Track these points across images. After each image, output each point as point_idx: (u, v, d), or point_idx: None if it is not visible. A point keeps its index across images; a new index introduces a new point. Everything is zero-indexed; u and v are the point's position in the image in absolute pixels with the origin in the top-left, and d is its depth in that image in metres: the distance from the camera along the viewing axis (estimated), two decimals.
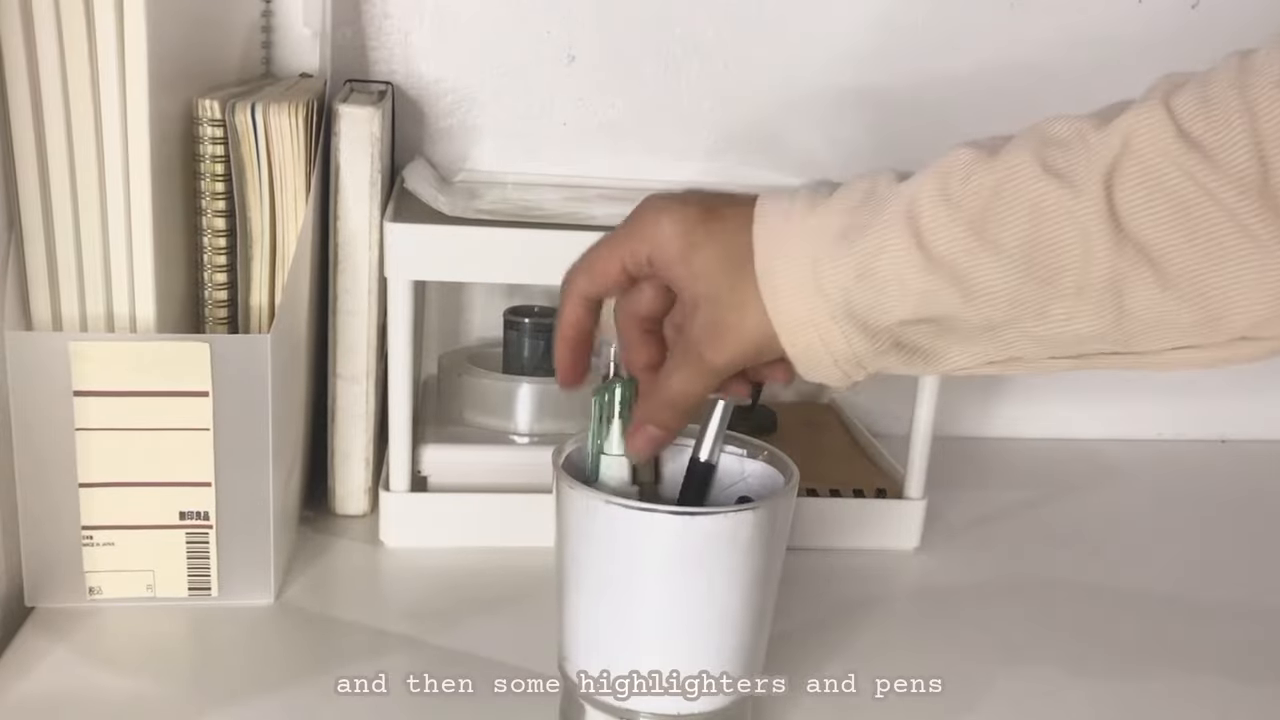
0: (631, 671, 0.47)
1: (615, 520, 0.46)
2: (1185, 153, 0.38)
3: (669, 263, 0.44)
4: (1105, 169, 0.39)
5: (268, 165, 0.62)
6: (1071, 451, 0.95)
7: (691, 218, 0.44)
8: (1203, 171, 0.37)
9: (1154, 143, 0.38)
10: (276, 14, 0.79)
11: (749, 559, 0.46)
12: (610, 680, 0.48)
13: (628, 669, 0.48)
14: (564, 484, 0.47)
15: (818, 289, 0.42)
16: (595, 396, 0.49)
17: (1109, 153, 0.39)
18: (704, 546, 0.45)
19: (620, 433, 0.49)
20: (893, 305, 0.41)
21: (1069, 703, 0.58)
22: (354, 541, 0.70)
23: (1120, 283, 0.39)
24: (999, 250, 0.40)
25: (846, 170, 0.46)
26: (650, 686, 0.47)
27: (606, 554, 0.46)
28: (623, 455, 0.49)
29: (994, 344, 0.42)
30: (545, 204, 0.76)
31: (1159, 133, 0.38)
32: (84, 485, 0.57)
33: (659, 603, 0.46)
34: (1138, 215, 0.38)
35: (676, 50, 0.86)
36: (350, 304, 0.69)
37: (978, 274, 0.40)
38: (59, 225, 0.55)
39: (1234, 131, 0.37)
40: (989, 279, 0.40)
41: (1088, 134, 0.40)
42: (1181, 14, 0.89)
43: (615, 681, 0.48)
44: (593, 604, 0.48)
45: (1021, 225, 0.40)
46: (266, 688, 0.54)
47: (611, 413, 0.48)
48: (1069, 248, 0.39)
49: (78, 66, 0.53)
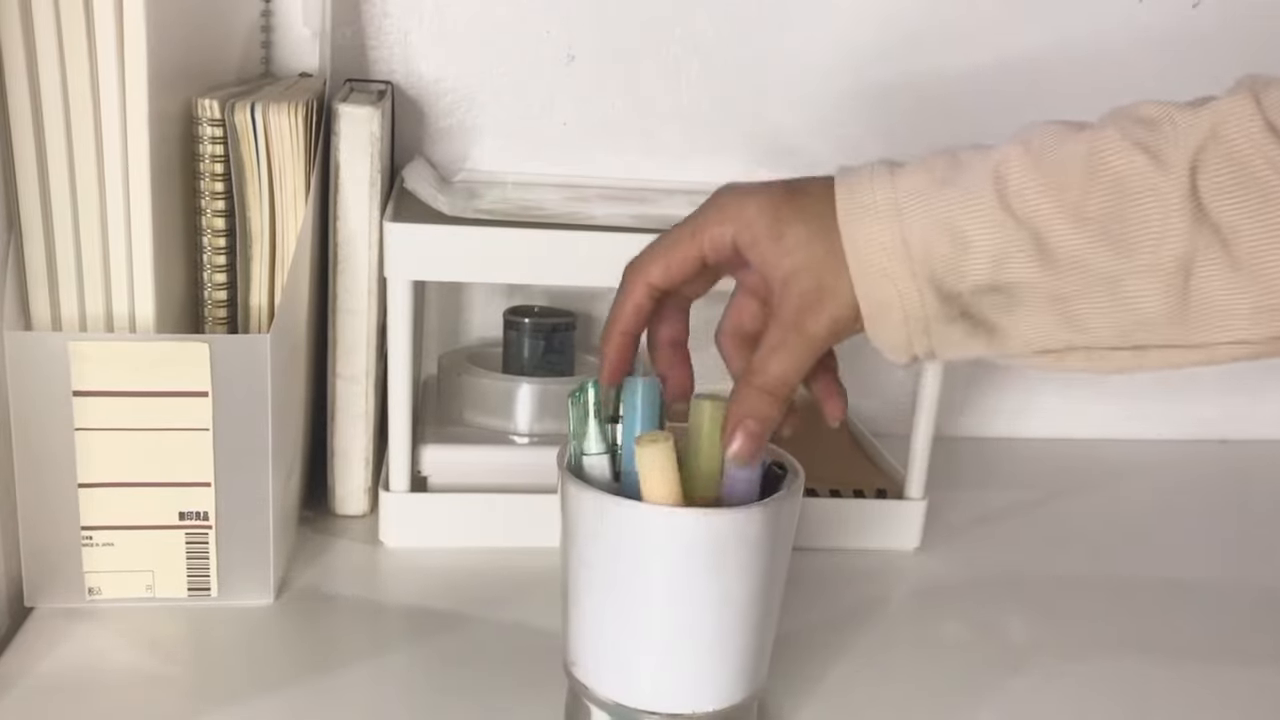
0: (639, 671, 0.48)
1: (624, 520, 0.46)
2: (1273, 144, 0.39)
3: (756, 241, 0.45)
4: (1192, 150, 0.40)
5: (267, 165, 0.62)
6: (1071, 451, 0.95)
7: (776, 196, 0.45)
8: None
9: (1242, 131, 0.40)
10: (276, 14, 0.79)
11: (758, 557, 0.46)
12: (617, 680, 0.48)
13: (635, 669, 0.48)
14: (571, 485, 0.47)
15: (902, 242, 0.42)
16: (570, 399, 0.49)
17: (1197, 135, 0.40)
18: (714, 545, 0.45)
19: (598, 432, 0.48)
20: (971, 265, 0.42)
21: (1070, 702, 0.58)
22: (354, 541, 0.70)
23: (1190, 263, 0.40)
24: (1081, 216, 0.41)
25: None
26: (657, 686, 0.47)
27: (615, 554, 0.46)
28: (603, 454, 0.48)
29: (1060, 321, 0.42)
30: (545, 204, 0.76)
31: (1247, 123, 0.40)
32: (84, 485, 0.57)
33: (667, 602, 0.46)
34: (1218, 198, 0.39)
35: (676, 50, 0.86)
36: (350, 304, 0.69)
37: (1058, 238, 0.41)
38: (59, 225, 0.55)
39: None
40: (1069, 244, 0.41)
41: (1176, 116, 0.41)
42: (1181, 14, 0.89)
43: (622, 682, 0.48)
44: (600, 604, 0.48)
45: (1105, 195, 0.40)
46: (266, 688, 0.54)
47: (586, 413, 0.48)
48: (1149, 222, 0.40)
49: (77, 66, 0.53)
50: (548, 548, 0.70)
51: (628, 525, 0.46)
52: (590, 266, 0.67)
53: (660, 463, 0.46)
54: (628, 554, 0.46)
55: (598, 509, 0.46)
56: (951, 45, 0.88)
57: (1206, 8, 0.89)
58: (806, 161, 0.88)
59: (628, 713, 0.48)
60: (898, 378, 0.76)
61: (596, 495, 0.46)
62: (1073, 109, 0.43)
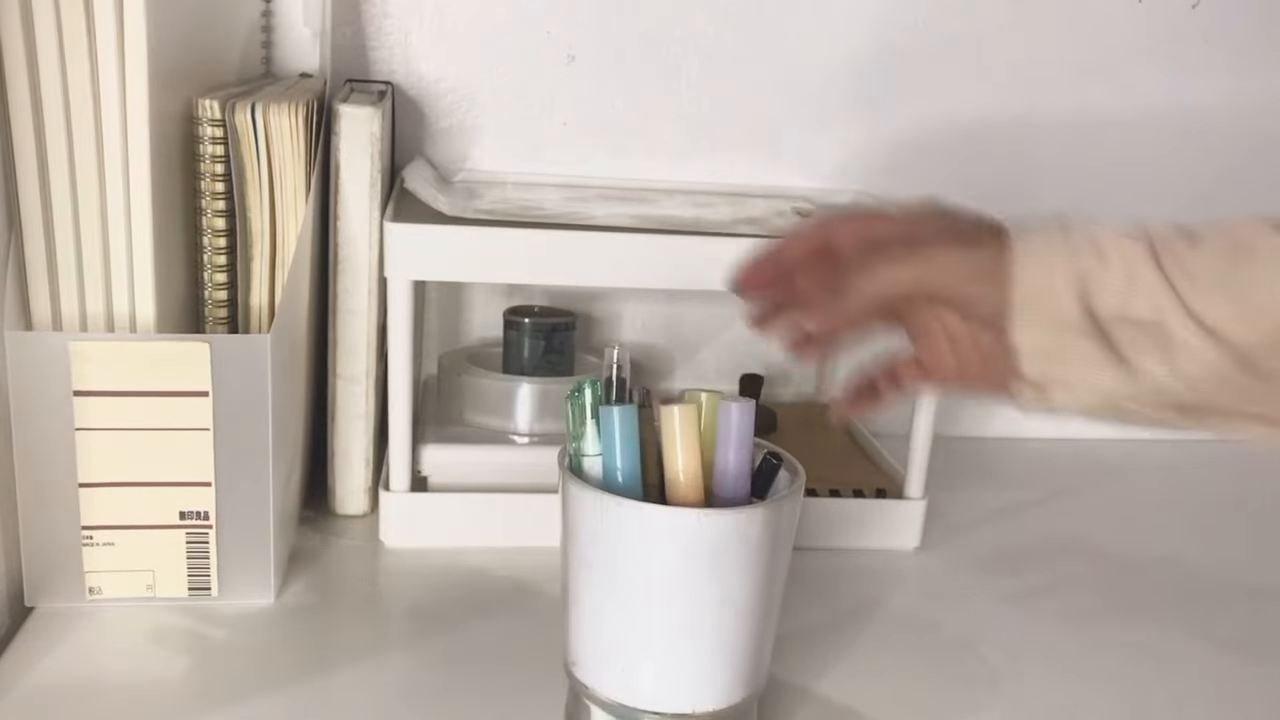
0: (639, 670, 0.48)
1: (626, 519, 0.46)
2: None
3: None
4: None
5: (268, 165, 0.62)
6: (1071, 451, 0.95)
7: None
8: None
9: None
10: (276, 14, 0.79)
11: (758, 557, 0.46)
12: (618, 680, 0.48)
13: (636, 668, 0.48)
14: (572, 485, 0.47)
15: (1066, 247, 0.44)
16: (568, 399, 0.49)
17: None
18: (714, 545, 0.45)
19: (596, 433, 0.48)
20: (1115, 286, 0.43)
21: (1070, 702, 0.58)
22: (354, 541, 0.70)
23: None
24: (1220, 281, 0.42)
25: (846, 170, 0.46)
26: (658, 686, 0.47)
27: (615, 553, 0.46)
28: (599, 456, 0.48)
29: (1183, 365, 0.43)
30: (545, 204, 0.76)
31: None
32: (84, 485, 0.57)
33: (667, 601, 0.46)
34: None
35: (676, 50, 0.86)
36: (350, 304, 0.69)
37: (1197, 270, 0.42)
38: (59, 225, 0.55)
39: None
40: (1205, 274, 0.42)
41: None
42: (1181, 14, 0.89)
43: (623, 681, 0.48)
44: (600, 604, 0.48)
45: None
46: (266, 688, 0.54)
47: (584, 413, 0.48)
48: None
49: (78, 66, 0.53)
50: (548, 548, 0.70)
51: (627, 525, 0.46)
52: (590, 266, 0.67)
53: (684, 426, 0.46)
54: (628, 553, 0.46)
55: (597, 508, 0.46)
56: (951, 45, 0.88)
57: (1206, 8, 0.89)
58: (806, 162, 0.88)
59: (628, 712, 0.48)
60: None
61: (596, 495, 0.46)
62: (1072, 108, 0.43)
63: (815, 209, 0.81)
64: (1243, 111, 0.91)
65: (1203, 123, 0.91)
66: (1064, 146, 0.90)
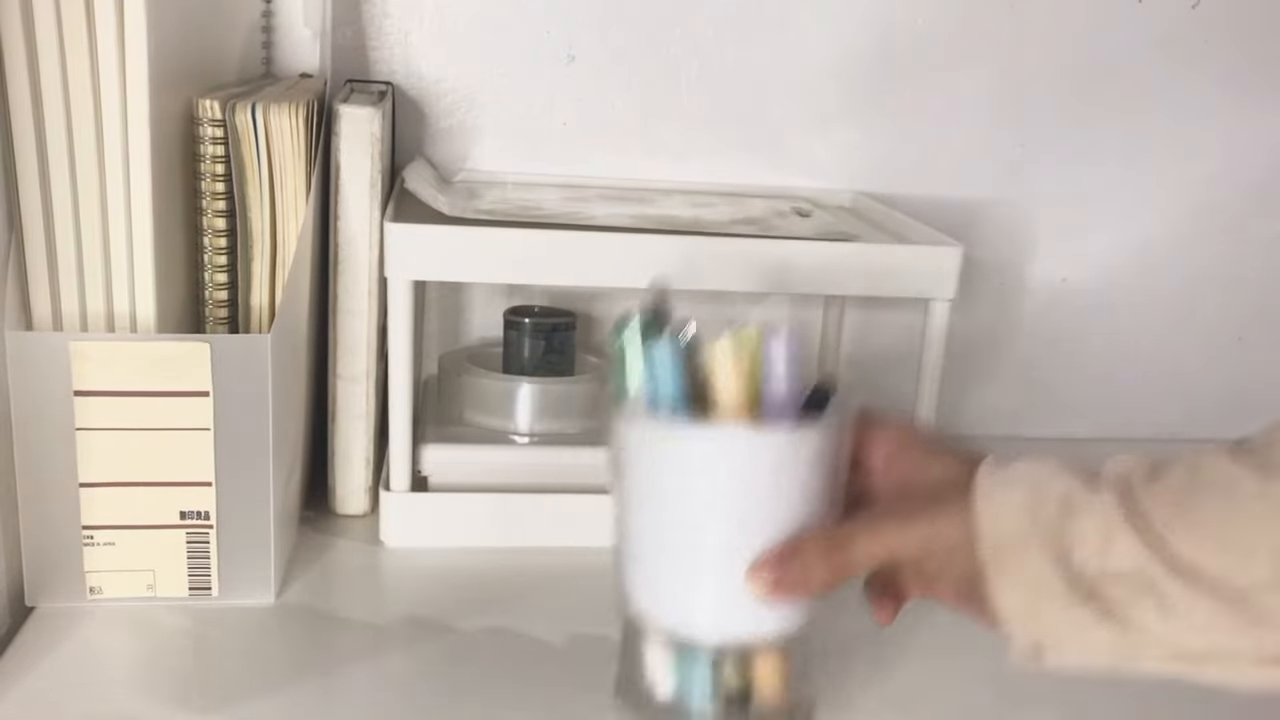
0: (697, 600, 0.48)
1: (678, 444, 0.46)
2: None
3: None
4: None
5: (268, 165, 0.62)
6: (1071, 451, 0.94)
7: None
8: None
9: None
10: (276, 14, 0.79)
11: (813, 476, 0.46)
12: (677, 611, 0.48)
13: (695, 597, 0.48)
14: (631, 416, 0.47)
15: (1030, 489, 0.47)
16: (614, 333, 0.48)
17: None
18: (769, 464, 0.45)
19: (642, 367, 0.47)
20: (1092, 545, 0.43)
21: (1070, 701, 0.58)
22: (354, 541, 0.70)
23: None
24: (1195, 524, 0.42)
25: (846, 169, 0.46)
26: (718, 614, 0.48)
27: (670, 480, 0.46)
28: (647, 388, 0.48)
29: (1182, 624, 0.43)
30: (545, 204, 0.76)
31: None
32: (84, 485, 0.57)
33: (723, 523, 0.46)
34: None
35: (676, 50, 0.86)
36: (350, 304, 0.69)
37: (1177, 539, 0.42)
38: (59, 225, 0.55)
39: None
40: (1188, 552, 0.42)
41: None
42: (1181, 14, 0.89)
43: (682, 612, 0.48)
44: (659, 536, 0.48)
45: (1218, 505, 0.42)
46: (266, 688, 0.54)
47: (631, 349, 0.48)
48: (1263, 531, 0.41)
49: (78, 66, 0.53)
50: (548, 547, 0.70)
51: (681, 449, 0.46)
52: (590, 266, 0.67)
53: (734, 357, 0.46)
54: (681, 478, 0.46)
55: (649, 437, 0.46)
56: (951, 45, 0.88)
57: (1206, 8, 0.89)
58: (806, 162, 0.88)
59: (687, 642, 0.48)
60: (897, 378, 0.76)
61: (647, 422, 0.46)
62: (1072, 108, 0.43)
63: (815, 209, 0.81)
64: (1243, 111, 0.91)
65: (1203, 123, 0.91)
66: (1064, 146, 0.90)
